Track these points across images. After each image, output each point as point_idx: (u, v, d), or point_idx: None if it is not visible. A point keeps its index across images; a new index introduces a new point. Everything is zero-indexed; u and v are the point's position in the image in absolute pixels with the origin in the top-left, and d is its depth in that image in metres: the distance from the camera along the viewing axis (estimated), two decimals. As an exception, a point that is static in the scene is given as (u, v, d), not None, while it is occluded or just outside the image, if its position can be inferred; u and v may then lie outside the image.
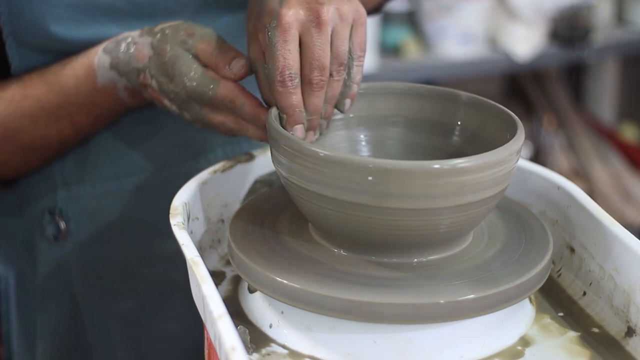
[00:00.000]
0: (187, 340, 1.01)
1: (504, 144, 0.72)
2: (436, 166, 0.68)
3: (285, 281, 0.70)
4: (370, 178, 0.68)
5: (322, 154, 0.69)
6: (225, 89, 0.82)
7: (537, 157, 2.58)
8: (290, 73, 0.76)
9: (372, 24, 2.15)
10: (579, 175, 2.58)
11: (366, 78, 0.83)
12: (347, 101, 0.80)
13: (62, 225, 0.97)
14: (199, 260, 0.71)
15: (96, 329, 1.00)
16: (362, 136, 0.84)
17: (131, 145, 0.96)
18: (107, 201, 0.97)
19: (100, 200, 0.97)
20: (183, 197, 0.80)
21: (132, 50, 0.86)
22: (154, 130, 0.96)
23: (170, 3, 0.92)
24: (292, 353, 0.72)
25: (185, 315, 0.99)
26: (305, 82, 0.77)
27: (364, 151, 0.84)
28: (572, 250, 0.81)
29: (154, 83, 0.85)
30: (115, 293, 1.00)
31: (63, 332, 1.01)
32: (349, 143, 0.84)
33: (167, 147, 0.97)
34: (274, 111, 0.77)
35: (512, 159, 0.72)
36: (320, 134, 0.80)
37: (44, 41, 0.90)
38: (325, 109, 0.79)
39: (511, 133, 0.74)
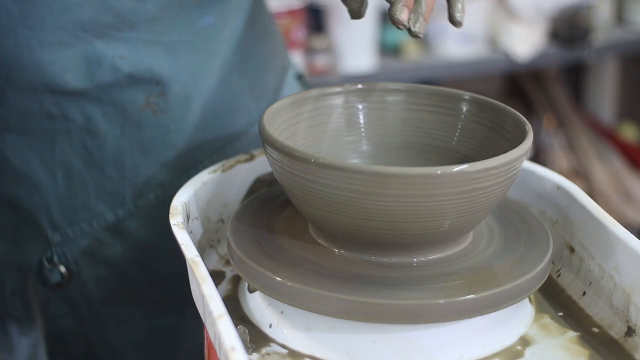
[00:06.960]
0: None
1: (508, 146, 0.72)
2: (439, 172, 0.67)
3: (285, 281, 0.70)
4: (367, 183, 0.67)
5: (312, 160, 0.69)
6: None
7: (537, 157, 2.58)
8: None
9: (372, 24, 2.15)
10: (579, 175, 2.58)
11: (366, 78, 0.83)
12: (460, 6, 0.81)
13: (63, 269, 0.94)
14: (199, 260, 0.71)
15: None
16: (364, 142, 0.84)
17: (120, 176, 0.93)
18: (105, 235, 0.94)
19: (98, 236, 0.94)
20: (183, 197, 0.80)
21: None
22: (140, 156, 0.93)
23: (150, 8, 0.88)
24: (292, 353, 0.72)
25: (198, 329, 0.99)
26: None
27: (365, 149, 0.84)
28: (572, 250, 0.81)
29: None
30: (127, 322, 0.98)
31: None
32: (351, 135, 0.84)
33: (156, 170, 0.94)
34: (265, 116, 0.77)
35: (519, 163, 0.71)
36: (418, 36, 0.81)
37: (27, 72, 0.86)
38: (425, 8, 0.81)
39: (518, 135, 0.74)
